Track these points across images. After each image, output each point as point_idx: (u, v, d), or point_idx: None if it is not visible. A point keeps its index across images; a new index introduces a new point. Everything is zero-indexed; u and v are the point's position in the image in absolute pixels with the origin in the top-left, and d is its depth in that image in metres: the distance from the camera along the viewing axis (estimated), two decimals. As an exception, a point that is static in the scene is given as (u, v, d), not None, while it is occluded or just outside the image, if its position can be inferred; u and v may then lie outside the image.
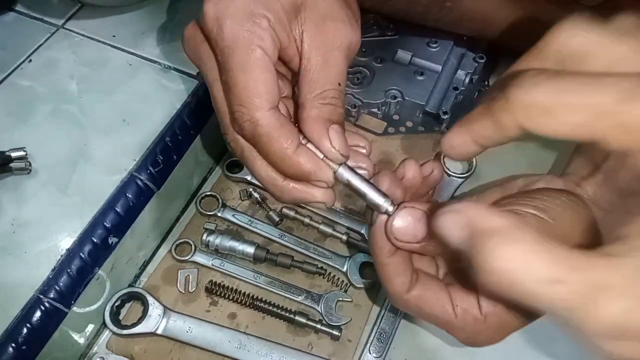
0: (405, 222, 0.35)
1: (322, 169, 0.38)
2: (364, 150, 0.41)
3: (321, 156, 0.38)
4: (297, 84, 0.39)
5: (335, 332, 0.51)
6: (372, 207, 0.37)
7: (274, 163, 0.38)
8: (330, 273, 0.55)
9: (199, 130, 0.57)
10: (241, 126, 0.37)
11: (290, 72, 0.42)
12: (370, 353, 0.50)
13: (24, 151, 0.50)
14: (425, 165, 0.41)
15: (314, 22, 0.39)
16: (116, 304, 0.51)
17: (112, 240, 0.50)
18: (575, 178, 0.41)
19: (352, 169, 0.38)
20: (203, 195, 0.59)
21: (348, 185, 0.38)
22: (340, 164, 0.38)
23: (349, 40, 0.39)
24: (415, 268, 0.39)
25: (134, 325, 0.50)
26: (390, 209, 0.36)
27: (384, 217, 0.36)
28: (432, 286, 0.39)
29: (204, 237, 0.55)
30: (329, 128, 0.37)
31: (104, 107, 0.56)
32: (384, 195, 0.37)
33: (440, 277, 0.41)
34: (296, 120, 0.39)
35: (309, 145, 0.38)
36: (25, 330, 0.44)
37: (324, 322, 0.52)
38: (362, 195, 0.38)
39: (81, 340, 0.50)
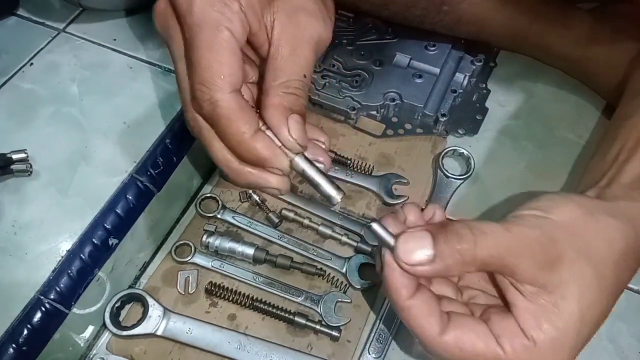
0: (409, 241, 0.36)
1: (278, 157, 0.38)
2: (323, 145, 0.42)
3: (279, 144, 0.38)
4: (264, 71, 0.39)
5: (335, 333, 0.51)
6: (324, 198, 0.38)
7: (231, 146, 0.38)
8: (329, 274, 0.55)
9: (199, 132, 0.58)
10: (201, 105, 0.37)
11: (259, 59, 0.42)
12: (369, 354, 0.51)
13: (25, 153, 0.51)
14: (426, 210, 0.42)
15: (287, 13, 0.39)
16: (116, 305, 0.51)
17: (112, 241, 0.50)
18: None
19: (308, 160, 0.39)
20: (203, 197, 0.59)
21: (303, 174, 0.39)
22: (297, 154, 0.38)
23: (319, 35, 0.40)
24: (443, 308, 0.38)
25: (134, 326, 0.51)
26: (339, 198, 0.38)
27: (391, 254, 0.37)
28: (467, 322, 0.37)
29: (203, 239, 0.55)
30: (288, 117, 0.37)
31: (104, 110, 0.57)
32: (337, 187, 0.38)
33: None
34: (259, 106, 0.39)
35: (268, 132, 0.38)
36: (25, 331, 0.44)
37: (323, 322, 0.52)
38: (315, 186, 0.38)
39: (81, 341, 0.50)
